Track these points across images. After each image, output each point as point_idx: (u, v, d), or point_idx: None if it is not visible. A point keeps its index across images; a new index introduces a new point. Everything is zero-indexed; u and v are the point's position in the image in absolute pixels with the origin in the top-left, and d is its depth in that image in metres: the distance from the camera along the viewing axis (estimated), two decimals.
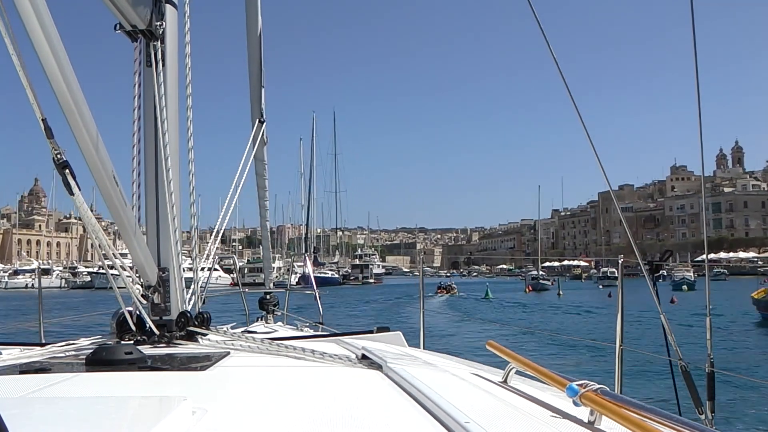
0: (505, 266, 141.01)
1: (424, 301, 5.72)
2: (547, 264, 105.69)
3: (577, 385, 1.40)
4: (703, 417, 3.35)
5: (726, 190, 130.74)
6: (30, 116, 2.00)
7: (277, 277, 53.57)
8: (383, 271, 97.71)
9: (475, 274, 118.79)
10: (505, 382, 1.89)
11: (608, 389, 1.39)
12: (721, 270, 74.74)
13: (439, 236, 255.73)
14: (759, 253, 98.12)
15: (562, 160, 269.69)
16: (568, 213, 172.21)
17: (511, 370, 1.90)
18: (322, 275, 67.81)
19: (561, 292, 45.82)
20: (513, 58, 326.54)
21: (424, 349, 4.07)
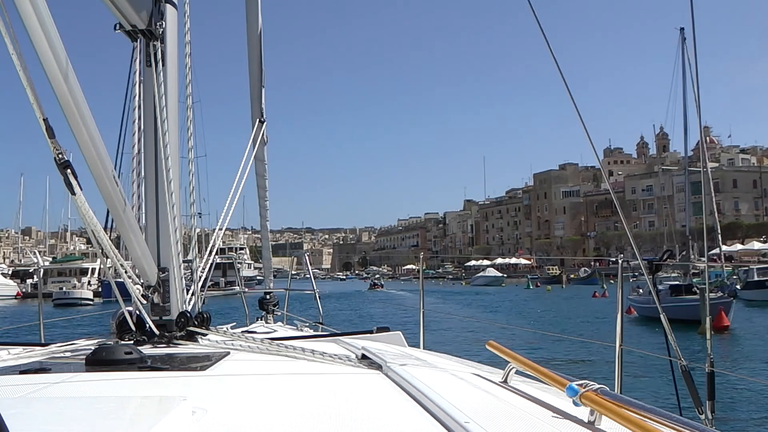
0: (412, 266, 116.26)
1: (424, 302, 5.72)
2: (473, 263, 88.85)
3: (577, 385, 1.40)
4: (703, 417, 3.35)
5: (710, 165, 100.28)
6: None
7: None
8: (257, 273, 68.28)
9: (377, 276, 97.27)
10: (505, 382, 1.89)
11: (608, 389, 1.39)
12: None
13: (327, 236, 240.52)
14: None
15: (473, 149, 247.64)
16: (492, 202, 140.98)
17: (511, 370, 1.90)
18: None
19: None
20: (409, 37, 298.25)
21: (424, 349, 4.07)
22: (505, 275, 77.32)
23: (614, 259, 4.51)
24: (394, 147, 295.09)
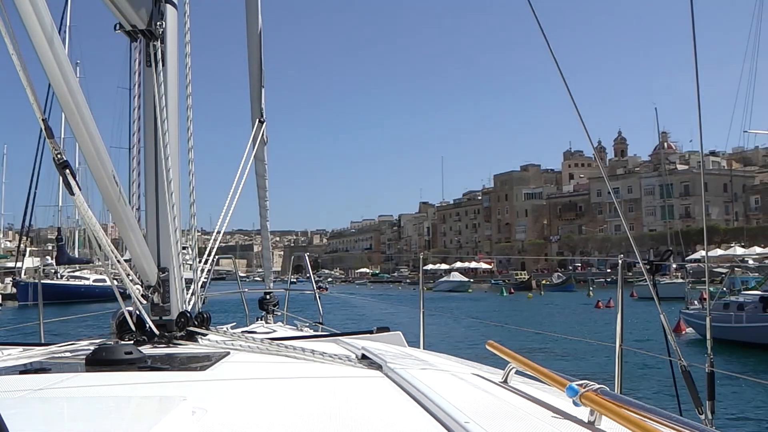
0: (366, 270, 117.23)
1: (423, 302, 5.72)
2: (430, 267, 79.32)
3: (577, 385, 1.40)
4: (703, 417, 3.35)
5: (680, 167, 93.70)
6: None
7: (24, 276, 38.14)
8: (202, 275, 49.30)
9: (329, 279, 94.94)
10: (505, 382, 1.89)
11: (608, 389, 1.39)
12: None
13: (278, 239, 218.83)
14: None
15: (430, 150, 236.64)
16: (450, 204, 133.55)
17: (511, 370, 1.90)
18: (64, 284, 41.26)
19: None
20: (362, 37, 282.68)
21: (423, 349, 4.07)
22: (471, 280, 69.85)
23: (613, 258, 4.49)
24: (348, 148, 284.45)
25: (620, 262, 4.39)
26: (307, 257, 8.03)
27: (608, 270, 66.10)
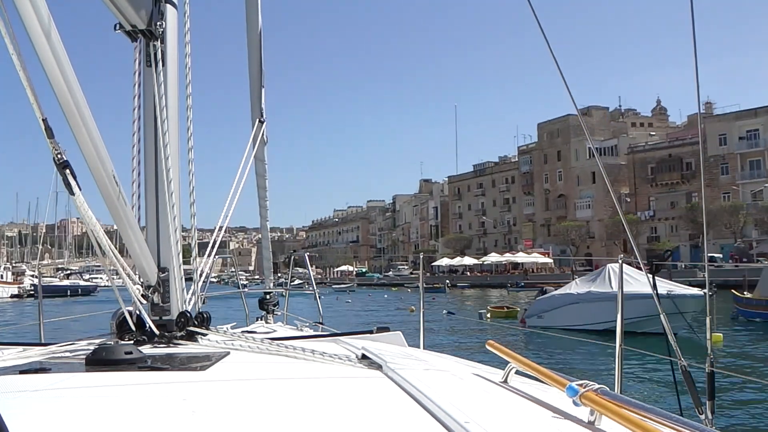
0: (350, 267, 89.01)
1: (423, 302, 5.73)
2: (445, 261, 58.41)
3: (577, 385, 1.41)
4: (703, 417, 3.36)
5: None
6: None
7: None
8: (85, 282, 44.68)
9: (299, 281, 70.35)
10: (505, 382, 1.90)
11: (608, 389, 1.39)
12: None
13: (261, 235, 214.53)
14: None
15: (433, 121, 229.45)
16: (469, 173, 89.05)
17: (511, 370, 1.90)
18: None
19: None
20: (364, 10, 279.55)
21: (424, 349, 4.07)
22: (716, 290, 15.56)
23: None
24: (339, 136, 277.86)
25: (620, 262, 4.39)
26: (306, 256, 8.03)
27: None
